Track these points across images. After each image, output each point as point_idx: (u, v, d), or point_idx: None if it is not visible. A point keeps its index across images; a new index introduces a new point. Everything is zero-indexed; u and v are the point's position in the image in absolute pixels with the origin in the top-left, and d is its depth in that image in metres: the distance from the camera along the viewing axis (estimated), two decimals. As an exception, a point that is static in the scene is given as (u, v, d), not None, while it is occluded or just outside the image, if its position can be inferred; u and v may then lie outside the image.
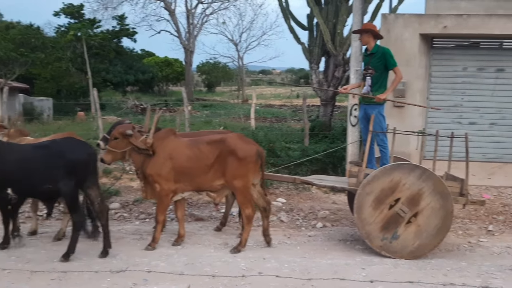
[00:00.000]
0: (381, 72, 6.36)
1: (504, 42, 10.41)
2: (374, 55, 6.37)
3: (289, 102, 27.99)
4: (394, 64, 6.31)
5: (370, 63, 6.39)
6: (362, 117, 6.62)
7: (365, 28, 6.55)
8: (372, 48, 6.42)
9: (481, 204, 6.30)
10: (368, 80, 6.41)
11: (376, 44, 6.45)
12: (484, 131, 10.20)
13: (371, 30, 6.41)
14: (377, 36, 6.47)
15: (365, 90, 6.48)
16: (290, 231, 6.94)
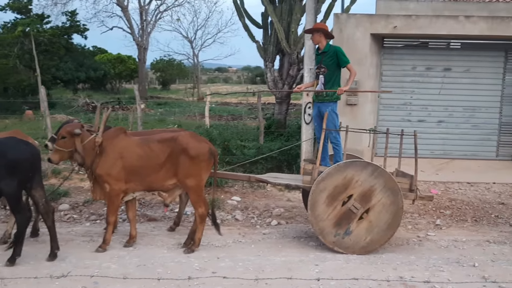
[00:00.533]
0: (334, 70, 6.44)
1: (451, 42, 10.82)
2: (326, 53, 6.44)
3: (245, 100, 27.97)
4: (347, 62, 6.40)
5: (323, 61, 6.46)
6: (316, 115, 6.69)
7: (317, 27, 6.61)
8: (324, 47, 6.49)
9: (429, 199, 6.50)
10: (321, 78, 6.48)
11: (327, 43, 6.53)
12: (432, 128, 10.58)
13: (322, 30, 6.48)
14: (328, 36, 6.54)
15: (318, 88, 6.54)
16: (245, 229, 6.93)
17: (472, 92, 10.47)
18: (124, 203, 6.03)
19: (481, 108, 10.47)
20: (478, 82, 10.49)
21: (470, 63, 10.53)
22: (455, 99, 10.44)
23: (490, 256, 5.78)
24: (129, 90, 34.76)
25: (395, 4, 11.00)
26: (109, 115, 5.92)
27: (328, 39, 6.58)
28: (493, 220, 7.32)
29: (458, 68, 10.53)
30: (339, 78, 6.53)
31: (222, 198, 8.06)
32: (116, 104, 21.84)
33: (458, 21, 9.47)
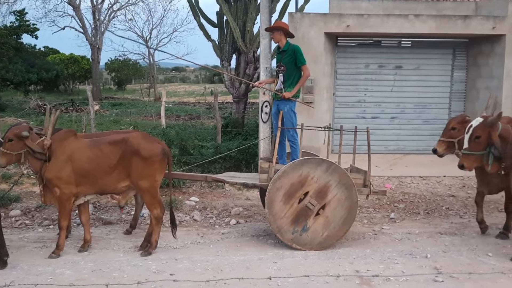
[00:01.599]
0: (293, 69, 6.49)
1: (402, 41, 11.12)
2: (285, 52, 6.49)
3: (203, 100, 27.78)
4: (302, 62, 6.46)
5: (282, 60, 6.51)
6: (274, 113, 6.72)
7: (277, 26, 6.64)
8: (283, 46, 6.54)
9: (382, 194, 6.65)
10: (281, 77, 6.53)
11: (287, 41, 6.58)
12: (386, 124, 10.85)
13: (283, 28, 6.53)
14: (288, 34, 6.59)
15: (278, 87, 6.58)
16: (204, 229, 6.89)
17: (423, 89, 10.81)
18: (77, 207, 5.88)
19: (431, 104, 10.82)
20: (428, 79, 10.84)
21: (420, 61, 10.87)
22: (406, 95, 10.75)
23: (441, 247, 5.97)
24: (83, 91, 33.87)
25: (347, 3, 11.20)
26: (58, 117, 5.74)
27: (288, 37, 6.63)
28: (444, 212, 7.58)
29: (409, 65, 10.85)
30: (298, 77, 6.57)
31: (180, 199, 7.98)
32: (69, 106, 21.22)
33: (408, 20, 9.75)
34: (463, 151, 5.29)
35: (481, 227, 6.43)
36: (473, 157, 5.26)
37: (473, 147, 5.25)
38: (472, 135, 5.25)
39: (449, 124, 6.02)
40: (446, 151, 6.07)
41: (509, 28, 9.86)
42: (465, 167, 5.25)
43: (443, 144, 6.02)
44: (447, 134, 5.99)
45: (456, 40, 10.84)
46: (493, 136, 5.24)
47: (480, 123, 5.27)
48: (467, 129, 5.32)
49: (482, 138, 5.25)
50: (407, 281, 4.82)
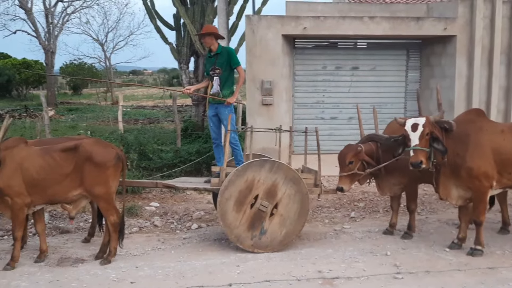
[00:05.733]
0: (229, 71, 6.54)
1: (358, 42, 11.32)
2: (219, 55, 6.50)
3: (162, 103, 27.43)
4: (237, 63, 6.48)
5: (217, 63, 6.50)
6: (212, 116, 6.67)
7: (207, 31, 6.63)
8: (216, 49, 6.53)
9: (333, 193, 6.71)
10: (217, 79, 6.50)
11: (219, 44, 6.59)
12: (344, 125, 10.99)
13: (213, 32, 6.53)
14: (218, 37, 6.60)
15: (214, 90, 6.54)
16: (165, 235, 6.77)
17: (379, 89, 11.03)
18: (32, 216, 5.66)
19: (387, 104, 11.05)
20: (383, 79, 11.08)
21: (376, 62, 11.09)
22: (363, 96, 10.92)
23: (401, 244, 6.10)
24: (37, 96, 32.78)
25: (304, 5, 11.32)
26: (9, 125, 5.51)
27: (219, 39, 6.63)
28: (403, 210, 7.74)
29: (365, 66, 11.05)
30: (233, 78, 6.63)
31: (140, 204, 7.83)
32: (23, 112, 20.50)
33: (363, 22, 9.94)
34: (414, 147, 5.41)
35: (391, 230, 6.58)
36: (425, 153, 5.41)
37: (424, 143, 5.41)
38: (424, 132, 5.39)
39: (344, 159, 6.08)
40: (351, 184, 6.18)
41: (460, 29, 10.21)
42: (423, 163, 5.37)
43: (346, 179, 6.09)
44: (346, 169, 6.07)
45: (410, 41, 11.13)
46: (436, 132, 5.44)
47: (426, 121, 5.44)
48: (412, 127, 5.44)
49: (429, 136, 5.42)
50: (368, 279, 4.89)
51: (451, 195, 5.78)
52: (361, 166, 6.12)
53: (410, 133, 5.45)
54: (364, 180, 6.36)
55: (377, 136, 6.32)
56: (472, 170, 5.48)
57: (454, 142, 5.55)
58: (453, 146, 5.53)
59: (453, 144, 5.54)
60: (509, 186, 5.79)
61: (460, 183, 5.65)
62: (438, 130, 5.54)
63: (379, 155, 6.17)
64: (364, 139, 6.42)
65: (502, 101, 10.51)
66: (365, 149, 6.11)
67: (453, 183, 5.72)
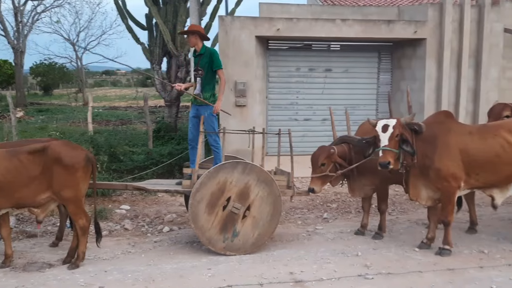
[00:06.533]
0: (211, 73, 6.38)
1: (331, 44, 11.40)
2: (202, 55, 6.38)
3: (135, 104, 27.11)
4: (218, 66, 6.32)
5: (199, 64, 6.40)
6: (192, 117, 6.55)
7: (191, 29, 6.52)
8: (200, 49, 6.43)
9: (306, 194, 6.72)
10: (199, 80, 6.42)
11: (203, 45, 6.49)
12: (317, 126, 11.06)
13: (198, 32, 6.43)
14: (203, 37, 6.51)
15: (197, 91, 6.46)
16: (135, 238, 6.67)
17: (351, 91, 11.14)
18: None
19: (359, 106, 11.17)
20: (356, 81, 11.19)
21: (349, 64, 11.20)
22: (336, 97, 11.01)
23: (372, 244, 6.14)
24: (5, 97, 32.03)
25: (277, 7, 11.34)
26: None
27: (204, 40, 6.54)
28: (374, 210, 7.81)
29: (338, 68, 11.15)
30: (215, 81, 6.52)
31: (110, 207, 7.70)
32: (-10, 113, 19.97)
33: (336, 24, 10.02)
34: (383, 148, 5.46)
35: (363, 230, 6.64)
36: (393, 154, 5.46)
37: (393, 144, 5.46)
38: (393, 133, 5.44)
39: (317, 161, 6.10)
40: (323, 185, 6.23)
41: (430, 32, 10.40)
42: (391, 163, 5.42)
43: (317, 180, 6.12)
44: (317, 171, 6.10)
45: (381, 44, 11.27)
46: (406, 135, 5.51)
47: (397, 122, 5.50)
48: (383, 128, 5.49)
49: (399, 137, 5.48)
50: (338, 280, 4.90)
51: (421, 196, 5.86)
52: (333, 167, 6.14)
53: (380, 133, 5.51)
54: (336, 182, 6.39)
55: (350, 138, 6.36)
56: (441, 171, 5.56)
57: (424, 144, 5.63)
58: (423, 148, 5.61)
59: (422, 146, 5.62)
60: (477, 187, 5.89)
61: (429, 184, 5.73)
62: (408, 131, 5.61)
63: (352, 156, 6.21)
64: (337, 140, 6.45)
65: (470, 103, 10.74)
66: (338, 150, 6.15)
67: (422, 184, 5.80)
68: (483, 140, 5.68)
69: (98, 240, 5.69)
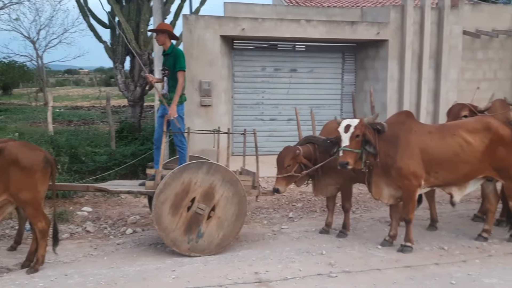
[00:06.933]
0: (176, 74, 6.31)
1: (296, 45, 11.48)
2: (169, 55, 6.32)
3: (98, 103, 26.54)
4: (181, 67, 6.21)
5: (166, 63, 6.34)
6: (159, 116, 6.47)
7: (161, 28, 6.44)
8: (167, 49, 6.36)
9: (271, 194, 6.74)
10: (166, 80, 6.35)
11: (172, 44, 6.41)
12: (283, 126, 11.11)
13: (167, 31, 6.35)
14: (173, 37, 6.43)
15: (164, 90, 6.40)
16: (97, 241, 6.52)
17: (316, 91, 11.25)
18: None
19: (324, 106, 11.28)
20: (321, 81, 11.31)
21: (314, 64, 11.30)
22: (301, 98, 11.09)
23: (336, 243, 6.20)
24: (-39, 96, 30.83)
25: (242, 7, 11.33)
26: None
27: (173, 40, 6.47)
28: (338, 209, 7.90)
29: (303, 69, 11.23)
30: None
31: (71, 209, 7.51)
32: None
33: (300, 25, 10.09)
34: (343, 148, 5.52)
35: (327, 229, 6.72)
36: (354, 154, 5.53)
37: (354, 144, 5.52)
38: (354, 133, 5.50)
39: (282, 162, 6.12)
40: (288, 185, 6.26)
41: (392, 34, 10.60)
42: (349, 163, 5.49)
43: (282, 180, 6.14)
44: (283, 171, 6.12)
45: (345, 45, 11.43)
46: (368, 135, 5.58)
47: (359, 123, 5.55)
48: (344, 129, 5.55)
49: (361, 137, 5.55)
50: (303, 279, 4.92)
51: (383, 195, 5.95)
52: (298, 168, 6.17)
53: (342, 134, 5.56)
54: (301, 182, 6.42)
55: (315, 138, 6.40)
56: (402, 169, 5.67)
57: (386, 143, 5.72)
58: (385, 147, 5.70)
59: (384, 145, 5.71)
60: (436, 185, 6.03)
61: (391, 182, 5.83)
62: (371, 131, 5.69)
63: (317, 156, 6.25)
64: (302, 141, 6.48)
65: (430, 103, 11.01)
66: (303, 151, 6.17)
67: (385, 183, 5.89)
68: (442, 139, 5.82)
69: (55, 245, 5.51)
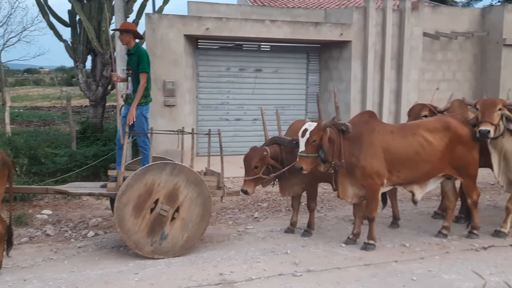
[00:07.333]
0: (139, 74, 6.20)
1: (261, 45, 11.51)
2: (133, 55, 6.20)
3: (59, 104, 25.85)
4: (144, 69, 6.11)
5: (130, 63, 6.22)
6: (123, 117, 6.34)
7: (125, 27, 6.32)
8: (132, 48, 6.25)
9: (236, 195, 6.71)
10: (130, 80, 6.24)
11: (136, 44, 6.29)
12: (248, 126, 11.12)
13: (131, 30, 6.24)
14: (137, 36, 6.32)
15: (129, 91, 6.28)
16: (58, 244, 6.34)
17: (281, 92, 11.32)
18: None
19: (289, 106, 11.35)
20: (286, 82, 11.38)
21: (279, 64, 11.36)
22: (266, 98, 11.14)
23: (301, 242, 6.22)
24: None
25: (206, 6, 11.28)
26: None
27: (137, 39, 6.35)
28: (304, 208, 7.96)
29: (268, 69, 11.27)
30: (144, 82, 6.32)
31: (30, 212, 7.27)
32: None
33: (265, 25, 10.11)
34: (300, 153, 5.55)
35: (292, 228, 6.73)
36: (309, 159, 5.55)
37: (310, 150, 5.55)
38: (309, 139, 5.52)
39: (250, 164, 6.12)
40: (256, 186, 6.26)
41: (355, 35, 10.76)
42: (303, 169, 5.52)
43: (250, 182, 6.15)
44: (251, 173, 6.12)
45: (310, 45, 11.53)
46: (323, 139, 5.58)
47: (315, 127, 5.56)
48: (302, 133, 5.58)
49: (317, 141, 5.56)
50: (268, 279, 4.92)
51: (348, 194, 6.01)
52: (266, 169, 6.16)
53: (300, 138, 5.59)
54: (268, 183, 6.41)
55: (281, 139, 6.39)
56: (365, 169, 5.74)
57: (350, 143, 5.78)
58: (349, 147, 5.76)
59: (349, 145, 5.76)
60: (398, 183, 6.14)
61: (355, 181, 5.90)
62: (335, 132, 5.70)
63: (283, 157, 6.25)
64: (268, 141, 6.47)
65: (393, 103, 11.24)
66: (270, 152, 6.16)
67: (349, 182, 5.95)
68: (404, 139, 5.93)
69: (8, 249, 5.31)
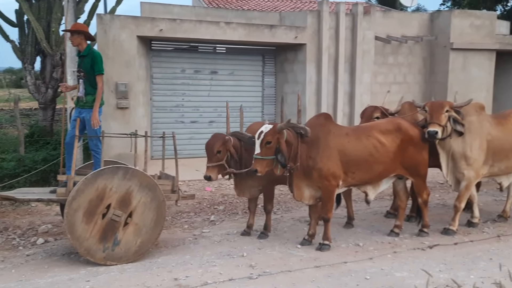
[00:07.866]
0: (92, 76, 6.03)
1: (217, 47, 11.46)
2: (85, 57, 6.03)
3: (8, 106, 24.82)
4: (99, 71, 5.99)
5: (82, 65, 6.05)
6: (74, 120, 6.16)
7: (76, 28, 6.13)
8: (83, 50, 6.07)
9: (191, 198, 6.61)
10: (81, 83, 6.06)
11: (88, 45, 6.12)
12: (204, 128, 11.04)
13: (83, 32, 6.06)
14: (89, 38, 6.15)
15: (80, 93, 6.10)
16: (5, 253, 6.06)
17: (238, 93, 11.31)
18: None
19: (245, 108, 11.23)
20: (241, 84, 11.39)
21: (234, 67, 11.36)
22: (222, 100, 11.04)
23: (257, 244, 6.21)
24: None
25: (159, 7, 11.14)
26: None
27: (89, 41, 6.18)
28: (260, 210, 7.97)
29: (224, 71, 11.25)
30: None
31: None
32: None
33: (220, 27, 10.08)
34: (255, 156, 5.55)
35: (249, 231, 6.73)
36: (265, 162, 5.55)
37: (265, 152, 5.55)
38: (263, 140, 5.51)
39: (212, 149, 6.07)
40: (218, 174, 6.20)
41: (309, 38, 10.89)
42: (258, 171, 5.52)
43: (213, 169, 6.08)
44: (213, 159, 6.07)
45: (265, 48, 11.58)
46: (281, 142, 5.57)
47: (270, 129, 5.54)
48: (257, 135, 5.58)
49: (273, 144, 5.56)
50: (224, 283, 4.88)
51: (304, 196, 6.04)
52: (227, 159, 6.08)
53: (256, 140, 5.57)
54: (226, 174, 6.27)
55: (241, 135, 6.33)
56: (322, 170, 5.80)
57: (307, 146, 5.82)
58: (307, 150, 5.79)
59: (306, 148, 5.80)
60: (353, 184, 6.24)
61: (312, 183, 5.94)
62: (293, 135, 5.72)
63: (242, 152, 6.21)
64: (229, 134, 6.40)
65: (346, 105, 11.45)
66: (232, 141, 6.11)
67: (306, 185, 5.98)
68: (358, 141, 6.03)
69: None
